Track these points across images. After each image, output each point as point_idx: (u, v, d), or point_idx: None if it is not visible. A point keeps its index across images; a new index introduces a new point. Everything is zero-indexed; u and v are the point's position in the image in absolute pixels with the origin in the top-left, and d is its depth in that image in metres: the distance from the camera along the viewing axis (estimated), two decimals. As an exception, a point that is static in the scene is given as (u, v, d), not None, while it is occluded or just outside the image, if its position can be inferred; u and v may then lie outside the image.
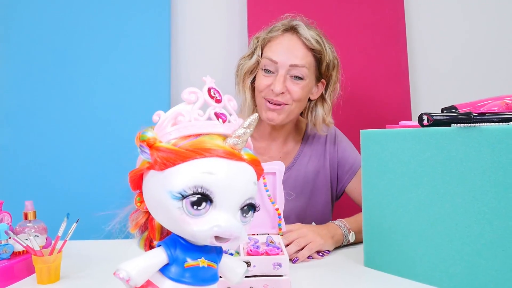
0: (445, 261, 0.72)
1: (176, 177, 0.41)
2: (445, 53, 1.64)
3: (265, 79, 1.10)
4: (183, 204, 0.41)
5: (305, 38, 1.08)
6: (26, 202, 0.88)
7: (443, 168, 0.72)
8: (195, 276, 0.44)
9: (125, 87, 1.50)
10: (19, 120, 1.49)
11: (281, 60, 1.07)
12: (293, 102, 1.10)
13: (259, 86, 1.11)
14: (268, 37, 1.13)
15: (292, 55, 1.08)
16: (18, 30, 1.51)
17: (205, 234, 0.41)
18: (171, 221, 0.43)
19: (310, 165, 1.21)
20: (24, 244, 0.77)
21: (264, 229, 0.83)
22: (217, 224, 0.41)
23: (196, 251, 0.45)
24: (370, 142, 0.84)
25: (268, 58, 1.09)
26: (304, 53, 1.09)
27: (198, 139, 0.43)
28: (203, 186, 0.41)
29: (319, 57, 1.11)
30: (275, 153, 1.22)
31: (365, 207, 0.86)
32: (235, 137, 0.45)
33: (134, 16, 1.53)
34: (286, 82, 1.08)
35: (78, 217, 0.80)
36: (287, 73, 1.08)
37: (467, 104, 0.87)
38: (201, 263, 0.45)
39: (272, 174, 0.83)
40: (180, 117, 0.45)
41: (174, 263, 0.44)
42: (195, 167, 0.42)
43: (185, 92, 0.46)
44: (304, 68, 1.08)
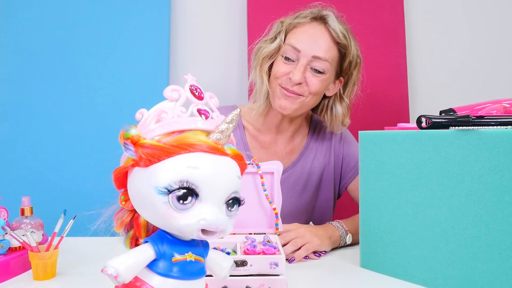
0: (441, 263, 0.72)
1: (162, 173, 0.42)
2: (443, 57, 1.64)
3: (284, 66, 1.06)
4: (169, 199, 0.42)
5: (333, 30, 1.04)
6: (23, 198, 0.88)
7: (441, 171, 0.72)
8: (183, 270, 0.45)
9: (124, 86, 1.50)
10: (17, 116, 1.49)
11: (304, 49, 1.03)
12: (309, 95, 1.06)
13: (276, 73, 1.07)
14: (294, 23, 1.08)
15: (316, 46, 1.03)
16: (18, 27, 1.51)
17: (192, 228, 0.42)
18: (157, 216, 0.44)
19: (316, 161, 1.19)
20: (21, 240, 0.77)
21: (261, 229, 0.84)
22: (203, 218, 0.42)
23: (183, 245, 0.46)
24: (368, 143, 0.84)
25: (290, 45, 1.05)
26: (329, 46, 1.05)
27: (182, 135, 0.44)
28: (188, 181, 0.42)
29: (343, 53, 1.07)
30: (281, 147, 1.20)
31: (362, 208, 0.86)
32: (218, 132, 0.45)
33: (134, 15, 1.53)
34: (306, 73, 1.04)
35: (75, 214, 0.79)
36: (308, 64, 1.04)
37: (465, 107, 0.87)
38: (189, 257, 0.45)
39: (270, 174, 0.84)
40: (163, 114, 0.45)
41: (162, 258, 0.45)
42: (180, 162, 0.42)
43: (167, 90, 0.47)
44: (327, 62, 1.04)
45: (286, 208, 1.13)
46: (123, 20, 1.52)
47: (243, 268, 0.69)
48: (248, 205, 0.83)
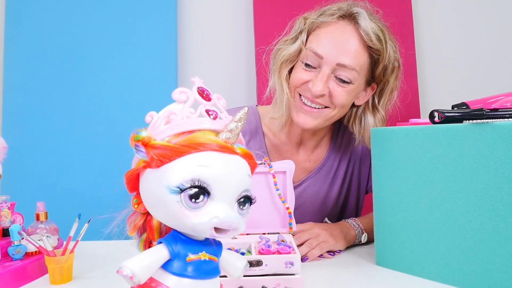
0: (459, 259, 0.71)
1: (173, 172, 0.43)
2: (453, 51, 1.63)
3: (304, 73, 0.92)
4: (181, 198, 0.42)
5: (364, 31, 0.89)
6: (38, 203, 0.88)
7: (456, 165, 0.71)
8: (197, 270, 0.45)
9: (133, 89, 1.51)
10: (29, 123, 1.51)
11: (327, 56, 0.89)
12: (334, 107, 0.93)
13: (294, 80, 0.93)
14: (318, 22, 0.92)
15: (342, 52, 0.88)
16: (27, 32, 1.53)
17: (205, 226, 0.42)
18: (170, 216, 0.44)
19: (339, 170, 1.11)
20: (37, 245, 0.77)
21: (274, 228, 0.83)
22: (216, 215, 0.42)
23: (197, 245, 0.46)
24: (380, 140, 0.83)
25: (312, 50, 0.90)
26: (358, 51, 0.89)
27: (191, 135, 0.45)
28: (199, 179, 0.42)
29: (376, 58, 0.92)
30: (302, 159, 1.11)
31: (376, 206, 0.85)
32: (227, 131, 0.46)
33: (141, 17, 1.54)
34: (329, 82, 0.90)
35: (89, 218, 0.80)
36: (331, 73, 0.90)
37: (477, 100, 0.86)
38: (203, 257, 0.46)
39: (282, 173, 0.83)
40: (172, 115, 0.46)
41: (176, 258, 0.45)
42: (191, 161, 0.43)
43: (176, 92, 0.47)
44: (354, 72, 0.89)
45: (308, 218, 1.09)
46: (130, 23, 1.53)
47: (259, 268, 0.69)
48: (261, 205, 0.83)
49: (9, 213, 0.85)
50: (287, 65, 0.96)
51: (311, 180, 1.11)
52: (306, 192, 1.11)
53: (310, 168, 1.12)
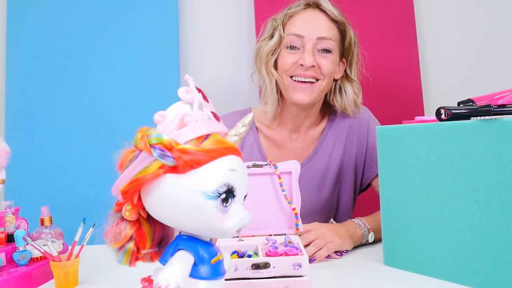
0: (469, 258, 0.70)
1: (207, 177, 0.43)
2: (456, 47, 1.61)
3: (290, 56, 1.05)
4: (218, 203, 0.43)
5: (329, 10, 1.06)
6: (42, 208, 0.88)
7: (464, 162, 0.70)
8: (218, 270, 0.46)
9: (136, 89, 1.51)
10: (32, 126, 1.50)
11: (307, 34, 1.03)
12: (323, 78, 1.05)
13: (284, 65, 1.06)
14: (290, 13, 1.09)
15: (318, 28, 1.04)
16: (28, 34, 1.52)
17: (235, 228, 0.44)
18: (200, 221, 0.43)
19: (334, 154, 1.15)
20: (42, 250, 0.77)
21: (281, 230, 0.83)
22: (243, 216, 0.45)
23: (210, 246, 0.47)
24: (386, 138, 0.83)
25: (292, 33, 1.05)
26: (330, 26, 1.06)
27: (214, 139, 0.45)
28: (229, 183, 0.43)
29: (343, 30, 1.08)
30: (296, 144, 1.17)
31: (384, 205, 0.84)
32: (235, 135, 0.48)
33: (142, 17, 1.53)
34: (315, 56, 1.04)
35: (94, 222, 0.79)
36: (314, 47, 1.04)
37: (484, 97, 0.85)
38: (220, 257, 0.47)
39: (287, 174, 0.83)
40: (187, 117, 0.45)
41: (201, 262, 0.45)
42: (221, 166, 0.43)
43: (182, 92, 0.46)
44: (332, 41, 1.05)
45: (305, 206, 1.11)
46: (131, 23, 1.53)
47: (266, 270, 0.68)
48: (267, 206, 0.82)
49: (14, 218, 0.84)
50: (271, 56, 1.09)
51: (305, 168, 1.14)
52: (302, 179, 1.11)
53: (304, 154, 1.16)
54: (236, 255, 0.73)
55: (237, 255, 0.73)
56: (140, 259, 0.49)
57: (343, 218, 1.16)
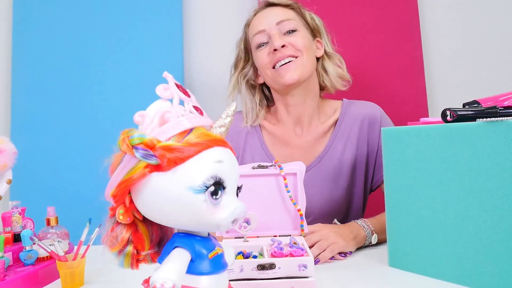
0: (474, 260, 0.70)
1: (193, 172, 0.42)
2: (460, 47, 1.61)
3: (262, 52, 1.10)
4: (207, 196, 0.42)
5: (277, 1, 1.12)
6: (48, 208, 0.88)
7: (469, 164, 0.70)
8: (219, 264, 0.46)
9: (142, 91, 1.50)
10: (38, 127, 1.51)
11: (266, 25, 1.09)
12: (301, 53, 1.08)
13: (261, 62, 1.10)
14: (246, 24, 1.16)
15: (274, 16, 1.10)
16: (34, 35, 1.53)
17: (229, 220, 0.43)
18: (192, 216, 0.43)
19: (346, 153, 1.13)
20: (49, 250, 0.77)
21: (286, 231, 0.83)
22: (236, 207, 0.44)
23: (207, 241, 0.47)
24: (391, 140, 0.83)
25: (254, 33, 1.11)
26: (285, 11, 1.11)
27: (198, 132, 0.44)
28: (217, 175, 0.43)
29: (299, 11, 1.13)
30: (302, 140, 1.15)
31: (389, 206, 0.84)
32: (220, 126, 0.48)
33: (147, 18, 1.54)
34: (283, 38, 1.08)
35: (100, 222, 0.80)
36: (279, 32, 1.08)
37: (489, 98, 0.85)
38: (219, 251, 0.47)
39: (293, 175, 0.83)
40: (167, 114, 0.45)
41: (198, 258, 0.45)
42: (207, 158, 0.43)
43: (160, 89, 0.46)
44: (292, 20, 1.09)
45: (317, 207, 1.11)
46: (136, 24, 1.53)
47: (272, 271, 0.68)
48: (272, 207, 0.82)
49: (20, 218, 0.85)
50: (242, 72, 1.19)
51: (315, 169, 1.13)
52: (310, 180, 1.11)
53: (313, 151, 1.15)
54: (242, 256, 0.73)
55: (242, 256, 0.73)
56: (142, 261, 0.49)
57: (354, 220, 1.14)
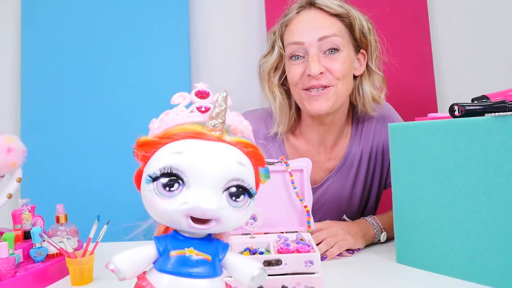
0: (483, 256, 0.70)
1: (150, 163, 0.43)
2: (469, 42, 1.59)
3: (296, 68, 0.96)
4: (154, 186, 0.41)
5: (325, 5, 0.96)
6: (58, 206, 0.90)
7: (478, 160, 0.69)
8: (181, 266, 0.42)
9: (150, 91, 1.52)
10: (47, 125, 1.53)
11: (306, 38, 0.94)
12: (338, 82, 0.95)
13: (292, 79, 0.97)
14: (285, 22, 0.99)
15: (316, 28, 0.94)
16: (42, 35, 1.55)
17: (177, 213, 0.41)
18: (149, 207, 0.43)
19: (362, 164, 1.07)
20: (58, 247, 0.78)
21: (293, 227, 0.82)
22: (185, 201, 0.40)
23: (187, 242, 0.44)
24: (399, 135, 0.82)
25: (291, 42, 0.96)
26: (330, 22, 0.95)
27: (179, 126, 0.44)
28: (172, 167, 0.41)
29: (348, 22, 0.97)
30: (323, 159, 1.09)
31: (396, 202, 0.84)
32: (211, 118, 0.44)
33: (154, 18, 1.54)
34: (322, 60, 0.93)
35: (108, 219, 0.81)
36: (319, 50, 0.94)
37: (498, 93, 0.84)
38: (188, 252, 0.43)
39: (299, 171, 0.82)
40: (165, 116, 0.46)
41: (162, 254, 0.44)
42: (164, 150, 0.43)
43: (174, 97, 0.48)
44: (336, 37, 0.94)
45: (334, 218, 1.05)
46: (143, 25, 1.54)
47: (278, 267, 0.68)
48: (279, 204, 0.82)
49: (30, 216, 0.86)
50: (274, 73, 1.02)
51: (333, 179, 1.09)
52: (329, 191, 1.09)
53: (332, 166, 1.09)
54: (248, 252, 0.73)
55: (249, 252, 0.73)
56: None
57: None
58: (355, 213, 1.12)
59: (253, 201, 0.44)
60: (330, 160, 1.09)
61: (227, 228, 0.43)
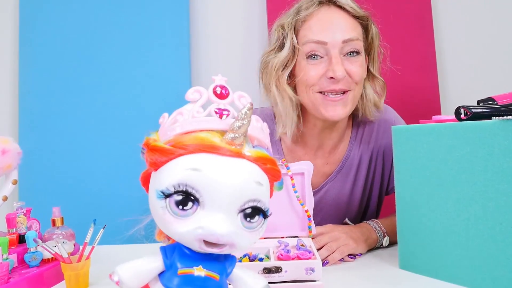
0: (489, 263, 0.68)
1: (162, 176, 0.40)
2: (474, 43, 1.57)
3: (313, 68, 0.90)
4: (167, 204, 0.39)
5: (348, 5, 0.92)
6: (54, 209, 0.88)
7: (484, 164, 0.67)
8: (189, 285, 0.41)
9: (148, 90, 1.51)
10: (44, 127, 1.51)
11: (331, 39, 0.88)
12: (355, 86, 0.92)
13: (309, 80, 0.91)
14: (302, 18, 0.92)
15: (341, 29, 0.89)
16: (42, 35, 1.54)
17: (189, 237, 0.39)
18: (160, 223, 0.41)
19: (361, 167, 1.05)
20: (53, 252, 0.76)
21: (293, 232, 0.81)
22: (200, 226, 0.38)
23: (195, 259, 0.42)
24: (403, 138, 0.80)
25: (312, 41, 0.90)
26: (353, 24, 0.92)
27: (194, 136, 0.41)
28: (187, 184, 0.38)
29: (365, 25, 0.95)
30: (320, 163, 1.06)
31: (399, 207, 0.82)
32: (231, 131, 0.41)
33: (154, 18, 1.53)
34: (344, 64, 0.90)
35: (105, 223, 0.79)
36: (340, 53, 0.90)
37: (505, 95, 0.82)
38: (197, 271, 0.41)
39: (300, 175, 0.81)
40: (178, 116, 0.43)
41: (169, 269, 0.42)
42: (179, 164, 0.39)
43: (189, 92, 0.44)
44: (359, 41, 0.91)
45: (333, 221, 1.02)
46: (143, 23, 1.53)
47: (278, 275, 0.66)
48: (279, 208, 0.81)
49: (25, 219, 0.85)
50: (283, 71, 0.94)
51: (332, 183, 1.07)
52: (327, 196, 1.07)
53: (329, 171, 1.07)
54: (247, 258, 0.71)
55: (248, 258, 0.71)
56: None
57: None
58: (355, 218, 1.10)
59: (266, 221, 0.42)
60: (328, 165, 1.07)
61: (240, 249, 0.42)
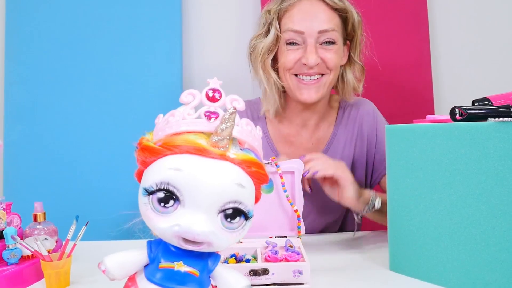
0: (480, 267, 0.66)
1: (148, 174, 0.43)
2: (469, 42, 1.55)
3: (291, 53, 0.99)
4: (149, 200, 0.41)
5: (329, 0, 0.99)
6: (35, 204, 0.85)
7: (479, 166, 0.66)
8: (168, 280, 0.43)
9: (137, 88, 1.47)
10: (28, 120, 1.47)
11: (307, 29, 0.97)
12: (329, 71, 1.00)
13: (286, 64, 1.00)
14: (284, 7, 1.01)
15: (318, 21, 0.97)
16: (30, 28, 1.49)
17: (167, 233, 0.41)
18: (145, 218, 0.43)
19: (346, 151, 1.11)
20: (32, 249, 0.74)
21: (282, 232, 0.79)
22: (177, 223, 0.40)
23: (178, 255, 0.44)
24: (396, 138, 0.78)
25: (291, 30, 0.98)
26: (330, 15, 0.99)
27: (182, 137, 0.43)
28: (169, 183, 0.40)
29: (344, 17, 1.01)
30: (306, 139, 1.12)
31: (391, 208, 0.80)
32: (215, 133, 0.42)
33: (145, 15, 1.49)
34: (318, 51, 0.98)
35: (88, 219, 0.76)
36: (316, 42, 0.98)
37: (500, 96, 0.80)
38: (177, 267, 0.43)
39: (290, 173, 0.79)
40: (170, 117, 0.45)
41: (152, 262, 0.45)
42: (163, 163, 0.42)
43: (183, 95, 0.46)
44: (334, 32, 0.98)
45: (315, 205, 1.07)
46: (133, 18, 1.49)
47: (265, 277, 0.64)
48: (268, 207, 0.79)
49: (5, 214, 0.81)
50: (268, 55, 1.03)
51: None
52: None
53: (314, 150, 1.12)
54: (234, 259, 0.69)
55: (235, 259, 0.69)
56: None
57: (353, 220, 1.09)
58: (337, 209, 1.11)
59: (249, 222, 0.44)
60: (313, 145, 1.12)
61: (218, 248, 0.43)
